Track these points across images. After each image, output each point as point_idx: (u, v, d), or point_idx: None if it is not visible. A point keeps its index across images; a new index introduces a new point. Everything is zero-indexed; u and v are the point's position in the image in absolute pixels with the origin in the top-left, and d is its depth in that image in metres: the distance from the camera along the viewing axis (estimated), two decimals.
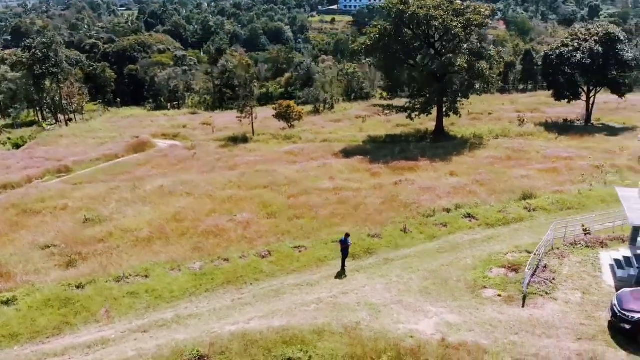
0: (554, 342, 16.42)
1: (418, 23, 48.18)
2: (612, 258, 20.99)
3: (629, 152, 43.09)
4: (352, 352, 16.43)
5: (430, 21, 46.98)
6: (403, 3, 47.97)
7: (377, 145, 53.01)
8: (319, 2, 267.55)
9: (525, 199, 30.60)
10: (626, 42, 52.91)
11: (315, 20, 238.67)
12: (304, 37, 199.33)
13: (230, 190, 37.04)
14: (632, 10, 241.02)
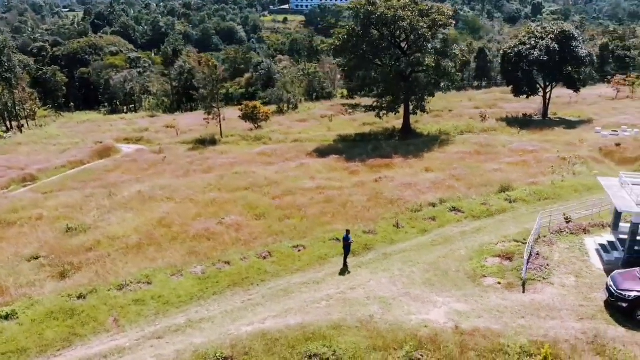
0: (559, 323, 17.63)
1: (386, 24, 49.33)
2: (597, 243, 22.60)
3: (589, 143, 45.80)
4: (373, 344, 17.03)
5: (398, 22, 48.22)
6: (371, 4, 48.98)
7: (348, 144, 53.87)
8: (270, 1, 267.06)
9: (503, 191, 32.16)
10: (580, 39, 56.13)
11: (267, 19, 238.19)
12: (257, 37, 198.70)
13: (212, 194, 36.85)
14: (573, 7, 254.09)
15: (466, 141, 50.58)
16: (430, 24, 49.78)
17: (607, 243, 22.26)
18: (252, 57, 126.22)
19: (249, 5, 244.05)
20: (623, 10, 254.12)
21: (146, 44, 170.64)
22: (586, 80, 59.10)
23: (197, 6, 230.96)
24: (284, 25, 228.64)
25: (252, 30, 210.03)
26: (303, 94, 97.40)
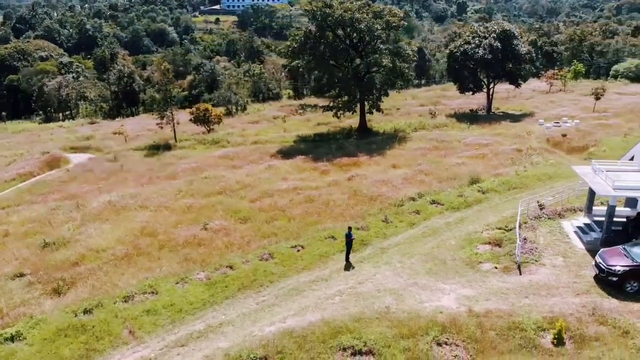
0: (560, 300, 19.43)
1: (343, 25, 50.56)
2: (574, 226, 24.88)
3: (535, 135, 49.31)
4: (399, 332, 18.01)
5: (355, 24, 49.57)
6: (328, 6, 50.00)
7: (310, 145, 54.58)
8: (201, 2, 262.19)
9: (474, 183, 34.24)
10: (519, 37, 60.10)
11: (198, 20, 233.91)
12: (190, 38, 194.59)
13: (186, 200, 36.45)
14: (495, 6, 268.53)
15: (422, 137, 52.83)
16: (384, 26, 51.54)
17: (584, 225, 24.59)
18: (191, 59, 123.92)
19: (179, 5, 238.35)
20: (542, 7, 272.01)
21: (73, 48, 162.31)
22: (526, 76, 63.34)
23: (124, 7, 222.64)
24: (216, 25, 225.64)
25: (184, 31, 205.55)
26: (249, 95, 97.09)
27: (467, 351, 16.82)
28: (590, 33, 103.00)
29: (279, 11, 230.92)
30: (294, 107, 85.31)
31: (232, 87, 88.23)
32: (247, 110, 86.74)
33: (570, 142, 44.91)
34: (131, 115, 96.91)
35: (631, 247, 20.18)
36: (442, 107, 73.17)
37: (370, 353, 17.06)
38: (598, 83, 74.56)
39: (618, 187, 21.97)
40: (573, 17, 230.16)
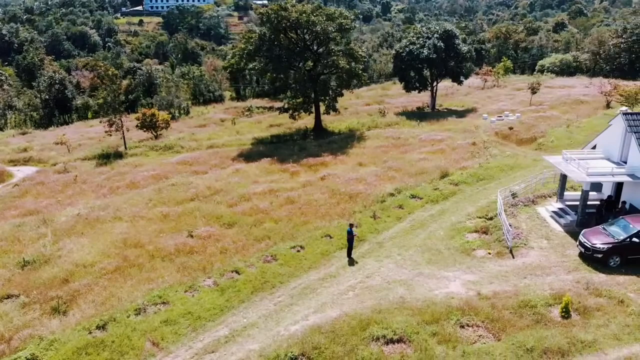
0: (555, 277, 21.51)
1: (299, 28, 51.34)
2: (549, 211, 27.34)
3: (483, 129, 52.61)
4: (422, 319, 19.23)
5: (310, 27, 50.51)
6: (283, 9, 50.57)
7: (269, 147, 54.85)
8: (122, 3, 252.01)
9: (444, 177, 36.31)
10: (460, 37, 63.63)
11: (121, 22, 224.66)
12: (113, 41, 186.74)
13: (160, 208, 35.84)
14: (416, 5, 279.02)
15: (379, 136, 54.76)
16: (338, 28, 52.89)
17: (558, 210, 27.11)
18: (122, 62, 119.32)
19: (99, 7, 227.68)
20: (460, 6, 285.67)
21: None
22: (468, 74, 67.10)
23: (40, 10, 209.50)
24: (140, 27, 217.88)
25: (107, 34, 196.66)
26: (189, 98, 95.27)
27: (489, 330, 18.33)
28: (514, 31, 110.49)
29: (206, 11, 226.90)
30: (239, 110, 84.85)
31: (171, 90, 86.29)
32: (190, 114, 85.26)
33: (517, 134, 48.44)
34: (65, 123, 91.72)
35: (609, 227, 22.69)
36: (386, 105, 75.72)
37: (402, 340, 18.13)
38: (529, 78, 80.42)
39: (591, 174, 24.55)
40: (491, 15, 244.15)
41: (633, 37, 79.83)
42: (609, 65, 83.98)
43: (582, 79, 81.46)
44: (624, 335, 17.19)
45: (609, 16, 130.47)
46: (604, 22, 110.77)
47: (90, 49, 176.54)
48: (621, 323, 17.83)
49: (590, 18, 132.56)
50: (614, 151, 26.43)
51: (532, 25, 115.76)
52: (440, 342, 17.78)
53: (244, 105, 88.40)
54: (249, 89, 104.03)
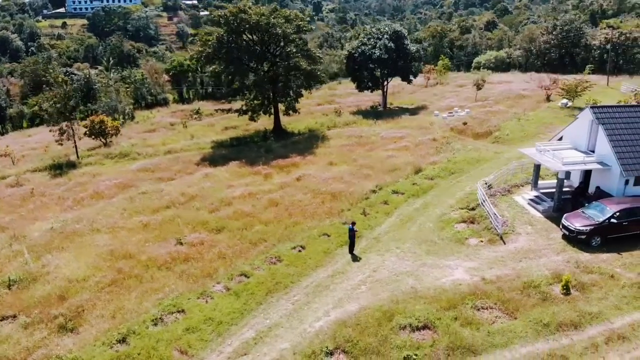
0: (547, 259, 23.58)
1: (259, 30, 51.57)
2: (526, 199, 29.66)
3: (438, 125, 55.25)
4: (440, 306, 20.55)
5: (270, 29, 50.88)
6: (243, 12, 50.58)
7: (232, 150, 54.52)
8: (43, 5, 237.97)
9: (418, 172, 38.08)
10: (408, 37, 66.15)
11: (44, 25, 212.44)
12: (37, 45, 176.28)
13: (137, 218, 35.10)
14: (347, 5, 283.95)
15: (340, 135, 55.98)
16: (296, 29, 53.61)
17: (534, 197, 29.47)
18: (54, 68, 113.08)
19: (19, 10, 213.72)
20: (388, 6, 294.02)
21: None
22: (417, 73, 69.85)
23: None
24: (63, 30, 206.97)
25: (30, 38, 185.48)
26: (131, 102, 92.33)
27: (503, 311, 19.93)
28: (449, 30, 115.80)
29: (134, 12, 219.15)
30: (187, 113, 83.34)
31: (112, 96, 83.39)
32: (135, 119, 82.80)
33: (472, 129, 51.39)
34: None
35: (588, 210, 25.12)
36: (338, 105, 77.33)
37: (427, 327, 19.33)
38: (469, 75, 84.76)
39: (566, 163, 27.00)
40: (419, 14, 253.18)
41: (562, 34, 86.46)
42: (540, 60, 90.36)
43: (517, 75, 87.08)
44: (624, 305, 19.36)
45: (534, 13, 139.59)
46: (530, 20, 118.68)
47: (12, 54, 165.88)
48: (618, 295, 20.03)
49: (517, 16, 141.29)
50: (581, 142, 29.14)
51: (466, 24, 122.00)
52: (463, 325, 19.14)
53: (191, 108, 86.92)
54: (193, 91, 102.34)
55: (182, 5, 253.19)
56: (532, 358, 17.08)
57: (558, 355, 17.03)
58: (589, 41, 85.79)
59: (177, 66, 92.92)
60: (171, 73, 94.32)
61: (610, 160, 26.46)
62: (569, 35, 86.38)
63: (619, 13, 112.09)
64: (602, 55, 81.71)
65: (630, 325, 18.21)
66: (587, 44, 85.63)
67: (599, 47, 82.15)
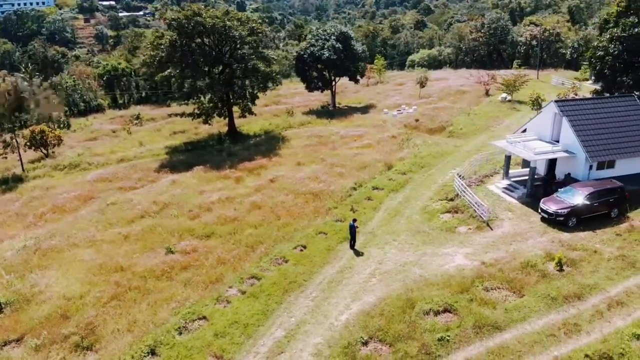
0: (534, 241, 26.01)
1: (215, 33, 51.25)
2: (499, 187, 32.21)
3: (390, 122, 57.53)
4: (452, 290, 22.19)
5: (227, 31, 50.77)
6: (198, 15, 50.04)
7: (190, 155, 53.59)
8: None
9: (390, 168, 39.87)
10: (354, 38, 68.05)
11: None
12: None
13: (114, 229, 34.25)
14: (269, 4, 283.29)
15: (299, 135, 56.79)
16: (250, 32, 53.82)
17: (507, 185, 32.10)
18: None
19: None
20: (311, 5, 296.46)
21: None
22: (363, 72, 71.99)
23: None
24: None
25: None
26: (64, 110, 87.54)
27: (510, 290, 21.92)
28: (381, 29, 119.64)
29: (48, 15, 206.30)
30: (127, 119, 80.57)
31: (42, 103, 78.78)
32: (72, 127, 78.88)
33: (425, 125, 54.12)
34: None
35: (562, 195, 27.89)
36: (285, 106, 78.05)
37: (448, 310, 20.91)
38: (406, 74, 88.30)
39: (538, 153, 29.76)
40: (342, 13, 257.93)
41: (490, 32, 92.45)
42: (469, 57, 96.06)
43: (451, 72, 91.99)
44: (614, 276, 21.98)
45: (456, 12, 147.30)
46: (454, 18, 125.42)
47: None
48: (606, 267, 22.67)
49: (441, 15, 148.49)
50: (545, 133, 32.13)
51: (397, 24, 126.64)
52: (480, 305, 20.90)
53: (130, 113, 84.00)
54: (127, 96, 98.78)
55: (98, 6, 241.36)
56: (549, 328, 19.11)
57: (571, 324, 19.20)
58: (515, 38, 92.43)
59: (110, 70, 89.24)
60: (105, 78, 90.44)
61: (576, 149, 29.54)
62: (497, 33, 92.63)
63: (536, 10, 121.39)
64: (528, 51, 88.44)
65: (624, 292, 20.81)
66: (513, 41, 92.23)
67: (525, 44, 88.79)
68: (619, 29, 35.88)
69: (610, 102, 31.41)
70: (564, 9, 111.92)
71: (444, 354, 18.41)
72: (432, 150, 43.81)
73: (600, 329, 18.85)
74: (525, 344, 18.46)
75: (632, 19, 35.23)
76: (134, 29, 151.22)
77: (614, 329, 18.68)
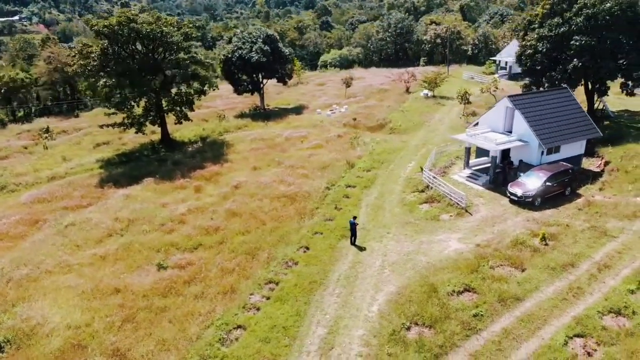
0: (512, 221, 29.40)
1: (151, 40, 49.54)
2: (463, 177, 35.54)
3: (328, 122, 59.61)
4: (462, 272, 24.62)
5: (164, 37, 49.36)
6: (132, 21, 48.00)
7: (129, 167, 50.97)
8: None
9: (353, 166, 41.82)
10: (280, 40, 68.92)
11: None
12: None
13: (86, 251, 32.56)
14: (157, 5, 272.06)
15: (242, 139, 56.57)
16: (185, 37, 52.74)
17: (469, 174, 35.52)
18: None
19: None
20: (199, 5, 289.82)
21: None
22: (290, 74, 73.06)
23: None
24: None
25: None
26: None
27: (511, 266, 24.84)
28: (287, 29, 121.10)
29: None
30: (34, 133, 74.34)
31: None
32: None
33: (364, 123, 56.89)
34: None
35: (526, 178, 31.69)
36: (207, 110, 76.87)
37: (468, 290, 23.28)
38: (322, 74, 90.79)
39: (498, 143, 33.42)
40: (235, 13, 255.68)
41: (397, 31, 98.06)
42: (377, 56, 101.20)
43: (368, 71, 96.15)
44: (593, 244, 25.81)
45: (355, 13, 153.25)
46: (354, 18, 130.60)
47: None
48: (583, 238, 26.50)
49: (342, 14, 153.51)
50: (498, 125, 36.02)
51: (303, 25, 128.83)
52: (494, 282, 23.52)
53: (38, 127, 77.44)
54: (26, 109, 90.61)
55: None
56: (560, 293, 22.22)
57: (575, 287, 22.49)
58: (420, 37, 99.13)
59: (8, 82, 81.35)
60: (3, 90, 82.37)
61: (529, 137, 33.65)
62: (402, 32, 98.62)
63: (429, 9, 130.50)
64: (433, 49, 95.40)
65: (606, 256, 24.63)
66: (418, 39, 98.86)
67: (430, 42, 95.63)
68: (545, 29, 41.11)
69: (551, 94, 36.12)
70: (456, 8, 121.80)
71: (483, 327, 20.69)
72: (384, 147, 46.53)
73: (599, 289, 22.33)
74: (545, 309, 21.35)
75: (557, 20, 40.53)
76: (22, 35, 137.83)
77: (609, 288, 22.24)
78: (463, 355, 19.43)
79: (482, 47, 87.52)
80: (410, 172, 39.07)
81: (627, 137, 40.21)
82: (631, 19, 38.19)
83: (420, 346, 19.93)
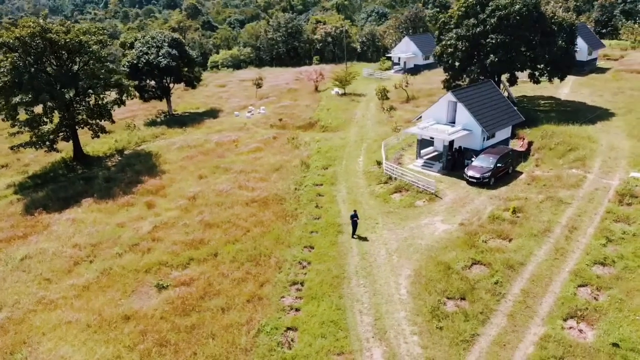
0: (478, 200, 33.62)
1: (68, 51, 45.80)
2: (419, 166, 39.28)
3: (253, 124, 60.18)
4: (464, 248, 27.97)
5: (84, 48, 46.02)
6: (48, 31, 43.86)
7: (51, 189, 46.18)
8: None
9: (308, 166, 43.44)
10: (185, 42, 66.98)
11: None
12: None
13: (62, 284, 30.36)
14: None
15: (167, 148, 54.54)
16: (100, 45, 49.55)
17: (424, 163, 39.35)
18: None
19: None
20: (43, 6, 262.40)
21: None
22: (199, 78, 71.15)
23: None
24: None
25: None
26: None
27: (499, 237, 28.80)
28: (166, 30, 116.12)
29: None
30: None
31: None
32: None
33: (292, 123, 58.46)
34: None
35: (479, 162, 36.21)
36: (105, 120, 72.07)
37: (475, 263, 26.68)
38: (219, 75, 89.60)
39: (450, 133, 37.62)
40: (88, 14, 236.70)
41: (288, 31, 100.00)
42: (269, 55, 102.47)
43: (256, 71, 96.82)
44: (555, 212, 30.78)
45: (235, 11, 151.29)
46: (232, 17, 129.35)
47: None
48: (545, 207, 31.41)
49: (218, 14, 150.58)
50: (442, 117, 40.26)
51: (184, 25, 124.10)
52: (494, 253, 27.23)
53: None
54: None
55: None
56: (550, 254, 26.59)
57: (560, 248, 27.05)
58: (310, 36, 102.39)
59: None
60: None
61: (472, 126, 38.38)
62: (292, 32, 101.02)
63: (306, 9, 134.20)
64: (323, 48, 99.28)
65: (570, 220, 29.68)
66: (309, 38, 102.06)
67: (321, 41, 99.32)
68: (462, 30, 46.49)
69: (481, 87, 41.38)
70: (329, 5, 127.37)
71: (507, 291, 24.17)
72: (328, 145, 48.74)
73: (577, 247, 27.17)
74: (546, 269, 25.52)
75: (473, 21, 46.07)
76: None
77: (585, 245, 27.18)
78: (502, 316, 22.68)
79: (369, 44, 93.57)
80: (365, 167, 41.85)
81: (539, 119, 47.43)
82: (536, 18, 45.11)
83: (465, 315, 22.75)
